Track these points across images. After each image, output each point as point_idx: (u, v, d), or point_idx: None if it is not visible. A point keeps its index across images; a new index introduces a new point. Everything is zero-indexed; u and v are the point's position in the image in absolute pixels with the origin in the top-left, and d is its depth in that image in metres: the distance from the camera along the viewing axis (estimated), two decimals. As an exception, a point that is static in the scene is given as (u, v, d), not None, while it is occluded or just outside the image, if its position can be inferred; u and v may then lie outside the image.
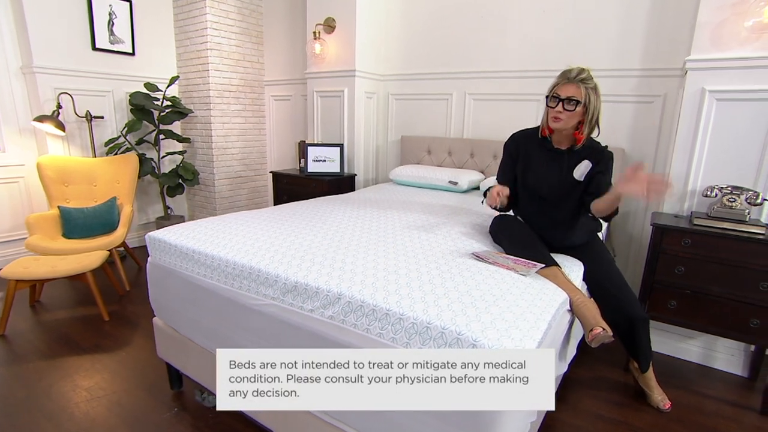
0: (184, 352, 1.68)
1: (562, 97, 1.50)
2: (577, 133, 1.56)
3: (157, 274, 1.66)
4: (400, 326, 1.00)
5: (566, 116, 1.51)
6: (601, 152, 1.60)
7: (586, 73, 1.50)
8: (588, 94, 1.49)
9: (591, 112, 1.51)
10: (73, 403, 1.77)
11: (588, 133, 1.56)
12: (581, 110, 1.51)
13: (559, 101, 1.51)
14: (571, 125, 1.54)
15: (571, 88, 1.50)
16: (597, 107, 1.52)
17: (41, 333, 2.34)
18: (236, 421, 1.69)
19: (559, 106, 1.51)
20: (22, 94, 3.14)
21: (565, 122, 1.52)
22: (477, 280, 1.19)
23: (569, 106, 1.49)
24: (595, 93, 1.50)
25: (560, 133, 1.61)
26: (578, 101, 1.48)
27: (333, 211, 1.99)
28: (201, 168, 3.90)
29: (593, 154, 1.60)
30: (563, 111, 1.51)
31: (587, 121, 1.52)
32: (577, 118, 1.53)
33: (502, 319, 0.99)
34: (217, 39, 3.63)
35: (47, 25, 3.04)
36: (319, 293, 1.14)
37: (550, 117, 1.56)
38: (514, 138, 1.78)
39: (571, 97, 1.49)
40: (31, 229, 2.75)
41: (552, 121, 1.55)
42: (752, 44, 1.86)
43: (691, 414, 1.82)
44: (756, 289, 1.76)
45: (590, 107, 1.50)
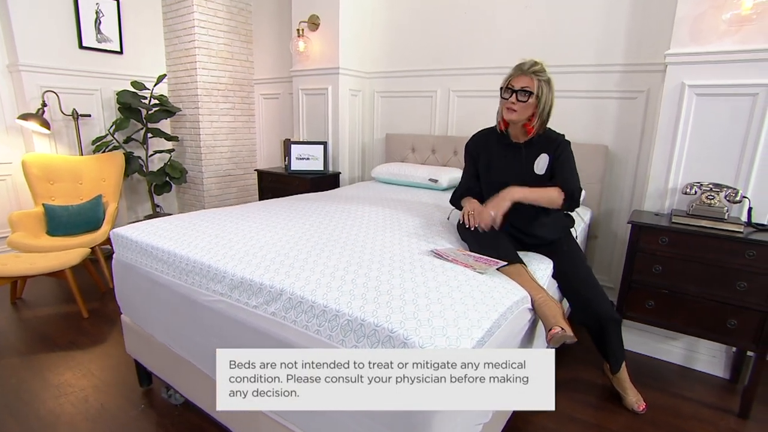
0: (149, 349, 1.67)
1: (516, 88, 1.52)
2: (527, 125, 1.56)
3: (120, 271, 1.65)
4: (336, 323, 0.98)
5: (520, 107, 1.53)
6: (556, 141, 1.59)
7: (539, 66, 1.53)
8: (541, 85, 1.51)
9: (543, 103, 1.52)
10: (40, 400, 1.77)
11: (539, 126, 1.56)
12: (534, 102, 1.52)
13: (513, 92, 1.53)
14: (525, 116, 1.55)
15: (524, 79, 1.52)
16: (549, 100, 1.54)
17: (19, 330, 2.35)
18: (201, 419, 1.68)
19: (513, 98, 1.53)
20: (9, 92, 3.16)
21: (519, 113, 1.54)
22: (427, 278, 1.16)
23: (522, 97, 1.51)
24: (547, 86, 1.53)
25: (515, 126, 1.62)
26: (531, 92, 1.50)
27: (303, 209, 1.97)
28: (190, 166, 3.90)
29: (550, 145, 1.59)
30: (517, 102, 1.52)
31: (538, 114, 1.54)
32: (530, 110, 1.54)
33: (441, 317, 0.96)
34: (204, 37, 3.63)
35: (33, 23, 3.06)
36: (263, 289, 1.12)
37: (505, 109, 1.57)
38: (473, 139, 1.80)
39: (525, 88, 1.51)
40: (14, 227, 2.76)
41: (506, 113, 1.56)
42: (731, 37, 1.81)
43: (666, 416, 1.77)
44: (733, 288, 1.71)
45: (542, 99, 1.52)
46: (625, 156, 2.42)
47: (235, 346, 1.22)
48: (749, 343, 1.72)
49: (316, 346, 1.01)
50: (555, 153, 1.58)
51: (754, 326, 1.69)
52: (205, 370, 1.37)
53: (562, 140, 1.60)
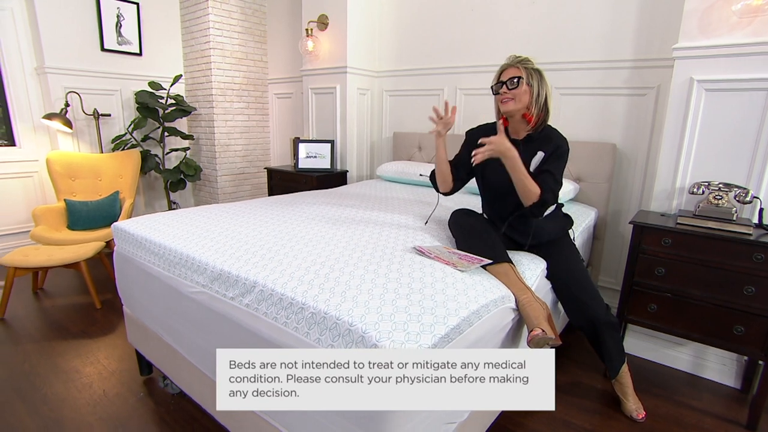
0: (146, 339, 1.73)
1: (504, 80, 1.52)
2: (526, 114, 1.53)
3: (120, 263, 1.72)
4: (301, 316, 0.99)
5: (514, 95, 1.50)
6: (555, 141, 1.54)
7: (524, 57, 1.52)
8: (530, 73, 1.50)
9: (536, 91, 1.50)
10: (48, 384, 1.86)
11: (537, 113, 1.53)
12: (527, 89, 1.50)
13: (502, 84, 1.52)
14: (522, 105, 1.52)
15: (511, 70, 1.52)
16: (543, 89, 1.52)
17: (36, 318, 2.47)
18: (195, 408, 1.72)
19: (503, 89, 1.52)
20: (37, 93, 3.33)
21: (514, 102, 1.51)
22: (401, 274, 1.16)
23: (512, 84, 1.49)
24: (538, 74, 1.51)
25: (514, 119, 1.58)
26: (519, 77, 1.49)
27: (299, 205, 1.99)
28: (205, 164, 4.01)
29: (549, 144, 1.55)
30: (508, 91, 1.50)
31: (533, 101, 1.51)
32: (526, 97, 1.51)
33: (405, 313, 0.95)
34: (219, 39, 3.72)
35: (58, 27, 3.22)
36: (239, 281, 1.15)
37: (500, 103, 1.55)
38: (477, 129, 1.74)
39: (512, 77, 1.50)
40: (37, 221, 2.91)
41: (503, 106, 1.54)
42: (743, 30, 1.72)
43: (666, 425, 1.70)
44: (740, 293, 1.63)
45: (534, 85, 1.50)
46: (634, 155, 2.33)
47: (214, 337, 1.25)
48: (757, 351, 1.63)
49: (284, 338, 1.02)
50: (550, 150, 1.54)
51: (762, 333, 1.60)
52: (192, 360, 1.41)
53: (561, 142, 1.54)
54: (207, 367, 1.34)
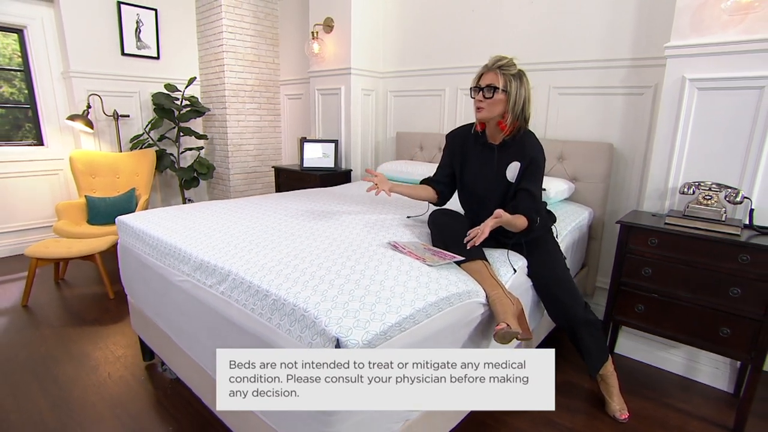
0: (146, 326, 1.84)
1: (482, 86, 1.49)
2: (501, 123, 1.52)
3: (123, 254, 1.84)
4: (265, 302, 1.06)
5: (487, 104, 1.49)
6: (529, 153, 1.52)
7: (505, 61, 1.47)
8: (508, 80, 1.46)
9: (514, 99, 1.47)
10: (60, 366, 2.01)
11: (511, 122, 1.51)
12: (503, 97, 1.47)
13: (479, 90, 1.50)
14: (496, 114, 1.51)
15: (489, 76, 1.48)
16: (522, 95, 1.48)
17: (56, 306, 2.65)
18: (191, 393, 1.82)
19: (479, 95, 1.50)
20: (62, 95, 3.54)
21: (487, 111, 1.49)
22: (368, 266, 1.21)
23: (488, 93, 1.47)
24: (518, 80, 1.47)
25: (490, 125, 1.58)
26: (496, 87, 1.46)
27: (294, 202, 2.07)
28: (218, 163, 4.16)
29: (524, 154, 1.53)
30: (483, 99, 1.49)
31: (510, 110, 1.48)
32: (500, 107, 1.49)
33: (360, 302, 1.01)
34: (232, 42, 3.86)
35: (82, 34, 3.42)
36: (216, 270, 1.23)
37: (474, 107, 1.54)
38: (454, 133, 1.77)
39: (490, 84, 1.47)
40: (60, 215, 3.11)
41: (476, 113, 1.53)
42: (735, 27, 1.70)
43: (650, 427, 1.69)
44: (726, 295, 1.61)
45: (512, 93, 1.46)
46: (631, 154, 2.31)
47: (196, 322, 1.34)
48: (743, 354, 1.60)
49: (251, 324, 1.09)
50: (525, 163, 1.53)
51: (747, 335, 1.58)
52: (181, 345, 1.51)
53: (536, 153, 1.52)
54: (194, 353, 1.43)
